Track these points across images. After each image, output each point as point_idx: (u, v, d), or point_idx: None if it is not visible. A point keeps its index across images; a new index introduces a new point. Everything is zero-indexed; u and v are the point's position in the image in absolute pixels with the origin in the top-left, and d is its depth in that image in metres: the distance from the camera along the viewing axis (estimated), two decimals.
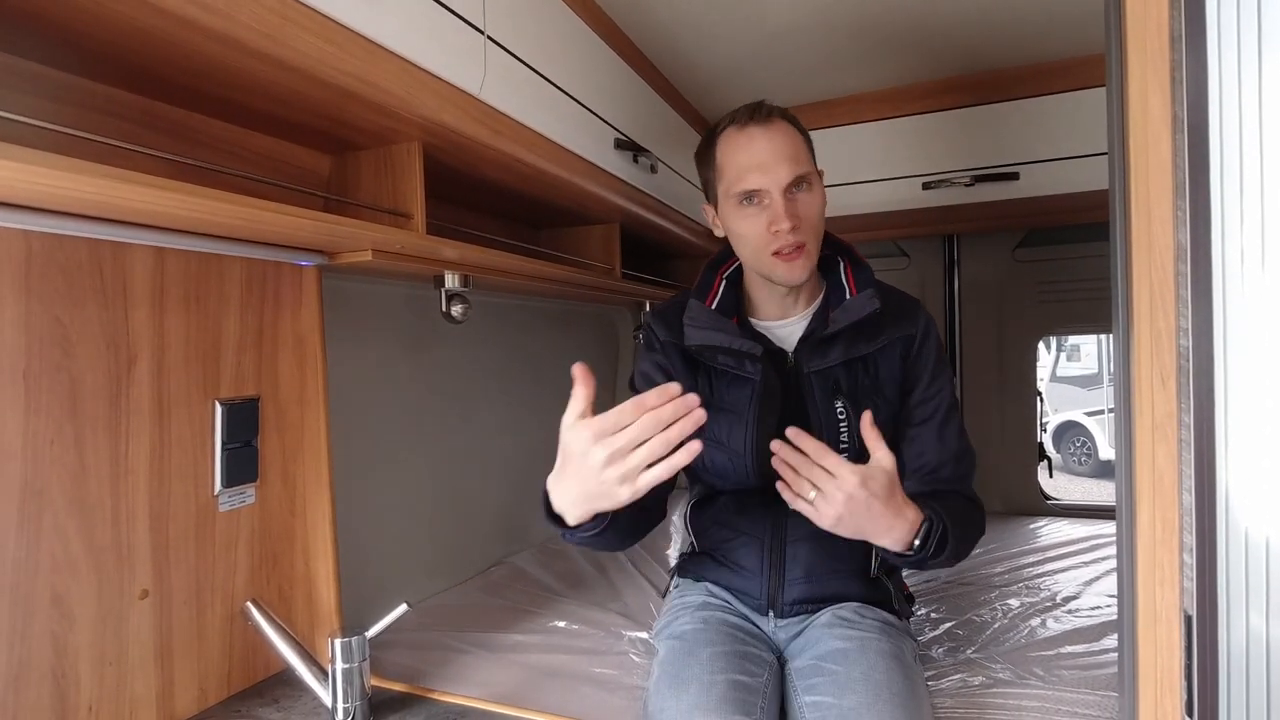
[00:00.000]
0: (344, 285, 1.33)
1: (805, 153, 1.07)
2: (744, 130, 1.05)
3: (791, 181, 1.02)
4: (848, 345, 1.07)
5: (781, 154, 1.02)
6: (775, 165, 1.01)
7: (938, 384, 1.10)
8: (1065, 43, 1.67)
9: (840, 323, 1.05)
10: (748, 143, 1.04)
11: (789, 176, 1.02)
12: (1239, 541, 0.58)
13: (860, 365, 1.08)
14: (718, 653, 0.99)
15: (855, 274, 1.11)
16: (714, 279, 1.16)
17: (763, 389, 1.07)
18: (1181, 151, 0.64)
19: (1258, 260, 0.59)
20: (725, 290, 1.15)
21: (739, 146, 1.05)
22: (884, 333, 1.08)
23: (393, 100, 0.93)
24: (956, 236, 2.37)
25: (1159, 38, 0.66)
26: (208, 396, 1.05)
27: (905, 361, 1.09)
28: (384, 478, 1.45)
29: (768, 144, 1.02)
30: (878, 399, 1.08)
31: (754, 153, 1.03)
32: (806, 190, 1.05)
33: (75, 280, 0.88)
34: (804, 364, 1.08)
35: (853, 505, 0.86)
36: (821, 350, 1.08)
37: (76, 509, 0.89)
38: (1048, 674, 1.16)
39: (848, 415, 1.05)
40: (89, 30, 0.73)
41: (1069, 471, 7.05)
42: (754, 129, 1.04)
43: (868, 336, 1.08)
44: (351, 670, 0.98)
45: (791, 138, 1.05)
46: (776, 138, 1.03)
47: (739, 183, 1.04)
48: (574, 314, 2.22)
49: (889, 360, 1.09)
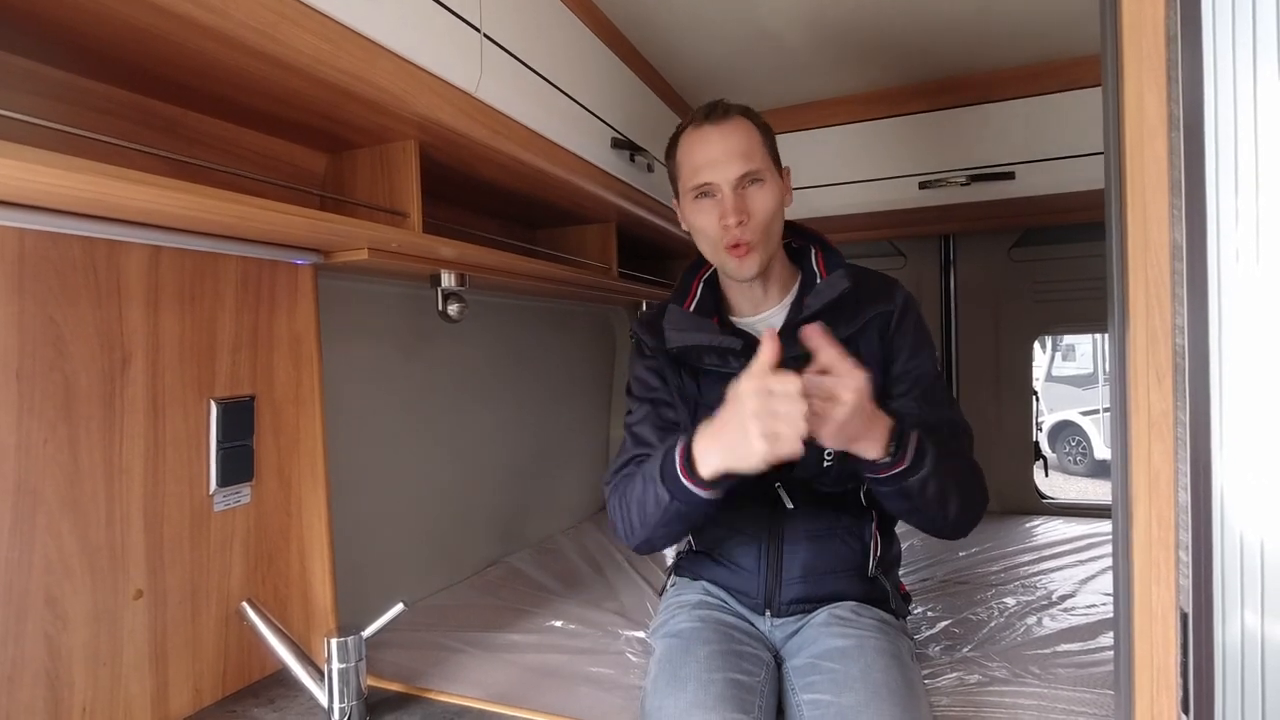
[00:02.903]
0: (340, 284, 1.33)
1: (760, 150, 1.08)
2: (699, 129, 1.08)
3: (741, 176, 1.04)
4: (827, 328, 1.08)
5: (733, 151, 1.05)
6: (726, 161, 1.04)
7: (918, 358, 1.10)
8: (1060, 43, 1.68)
9: (814, 306, 1.07)
10: (702, 140, 1.07)
11: (738, 172, 1.04)
12: (1234, 539, 0.59)
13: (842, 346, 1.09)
14: (715, 651, 0.99)
15: (825, 259, 1.13)
16: (692, 282, 1.18)
17: None
18: (1177, 150, 0.64)
19: (1253, 258, 0.59)
20: (704, 292, 1.17)
21: (694, 144, 1.08)
22: (862, 312, 1.09)
23: (389, 98, 0.93)
24: (952, 236, 2.38)
25: (1155, 37, 0.66)
26: (203, 396, 1.04)
27: (883, 338, 1.10)
28: (380, 477, 1.45)
29: (720, 141, 1.05)
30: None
31: (707, 149, 1.06)
32: (758, 186, 1.06)
33: (69, 279, 0.87)
34: (785, 351, 1.08)
35: (859, 404, 0.85)
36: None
37: (70, 509, 0.88)
38: (1044, 672, 1.16)
39: None
40: (85, 28, 0.72)
41: (1064, 471, 7.07)
42: (708, 127, 1.07)
43: (847, 318, 1.09)
44: (348, 670, 0.98)
45: (746, 135, 1.07)
46: (730, 135, 1.06)
47: (693, 178, 1.07)
48: (571, 314, 2.22)
49: (868, 340, 1.09)
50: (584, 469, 2.31)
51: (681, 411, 1.13)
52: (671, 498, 0.92)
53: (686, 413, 1.12)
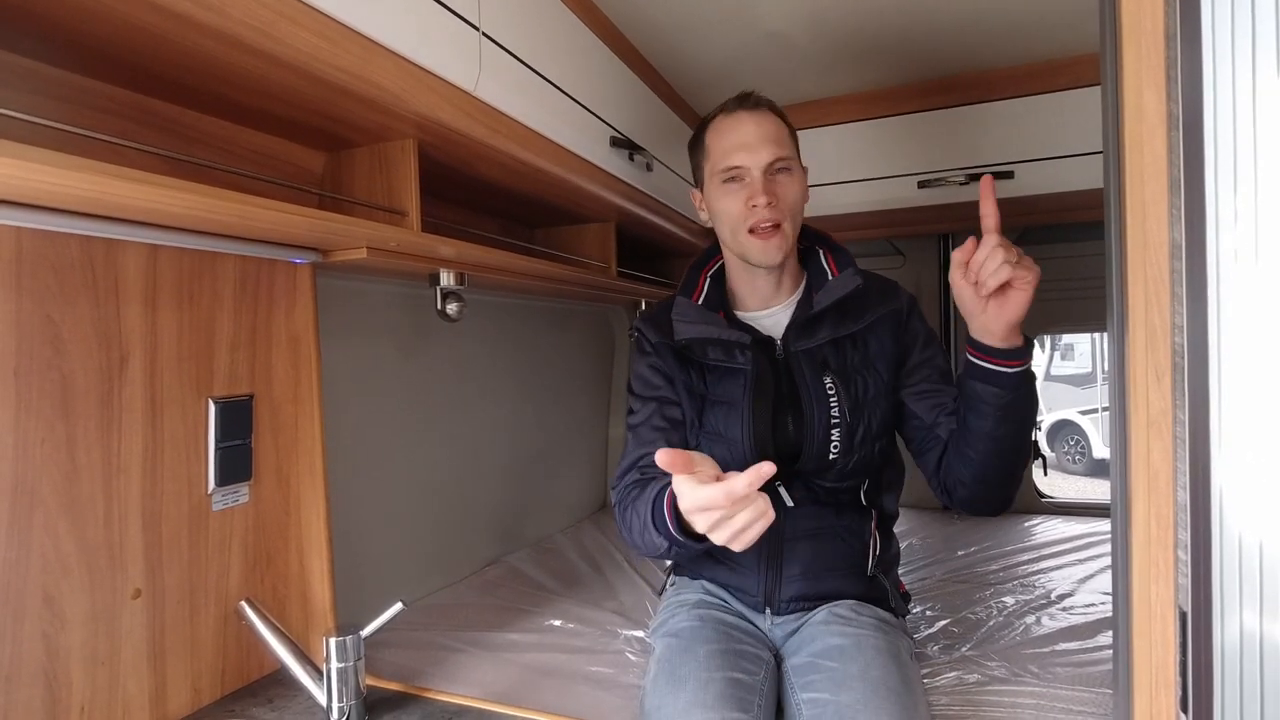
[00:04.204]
0: (338, 284, 1.33)
1: (789, 141, 1.11)
2: (732, 115, 1.10)
3: (772, 162, 1.06)
4: (834, 324, 1.10)
5: (765, 137, 1.07)
6: (758, 146, 1.06)
7: (930, 349, 1.13)
8: (1059, 42, 1.68)
9: (824, 302, 1.08)
10: (735, 125, 1.09)
11: (770, 157, 1.06)
12: (1233, 538, 0.59)
13: (849, 343, 1.11)
14: (714, 650, 0.99)
15: (835, 258, 1.15)
16: (699, 277, 1.19)
17: (755, 377, 1.08)
18: (1176, 148, 0.64)
19: (1251, 257, 0.59)
20: (710, 287, 1.18)
21: (726, 130, 1.10)
22: (870, 310, 1.11)
23: (387, 97, 0.92)
24: (951, 235, 2.38)
25: (1154, 35, 0.66)
26: (201, 395, 1.04)
27: (896, 335, 1.12)
28: (378, 477, 1.45)
29: (754, 127, 1.08)
30: (868, 374, 1.10)
31: (740, 134, 1.08)
32: (787, 174, 1.08)
33: (66, 278, 0.87)
34: (791, 345, 1.10)
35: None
36: (808, 331, 1.10)
37: (68, 508, 0.88)
38: (1043, 671, 1.16)
39: (837, 391, 1.07)
40: (83, 26, 0.72)
41: (1063, 470, 7.08)
42: (742, 114, 1.10)
43: (854, 315, 1.10)
44: (346, 669, 0.98)
45: (777, 126, 1.10)
46: (763, 123, 1.08)
47: (723, 161, 1.09)
48: (570, 313, 2.22)
49: (879, 337, 1.11)
50: (583, 469, 2.31)
51: (687, 407, 1.13)
52: (670, 545, 0.91)
53: (693, 408, 1.12)
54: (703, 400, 1.12)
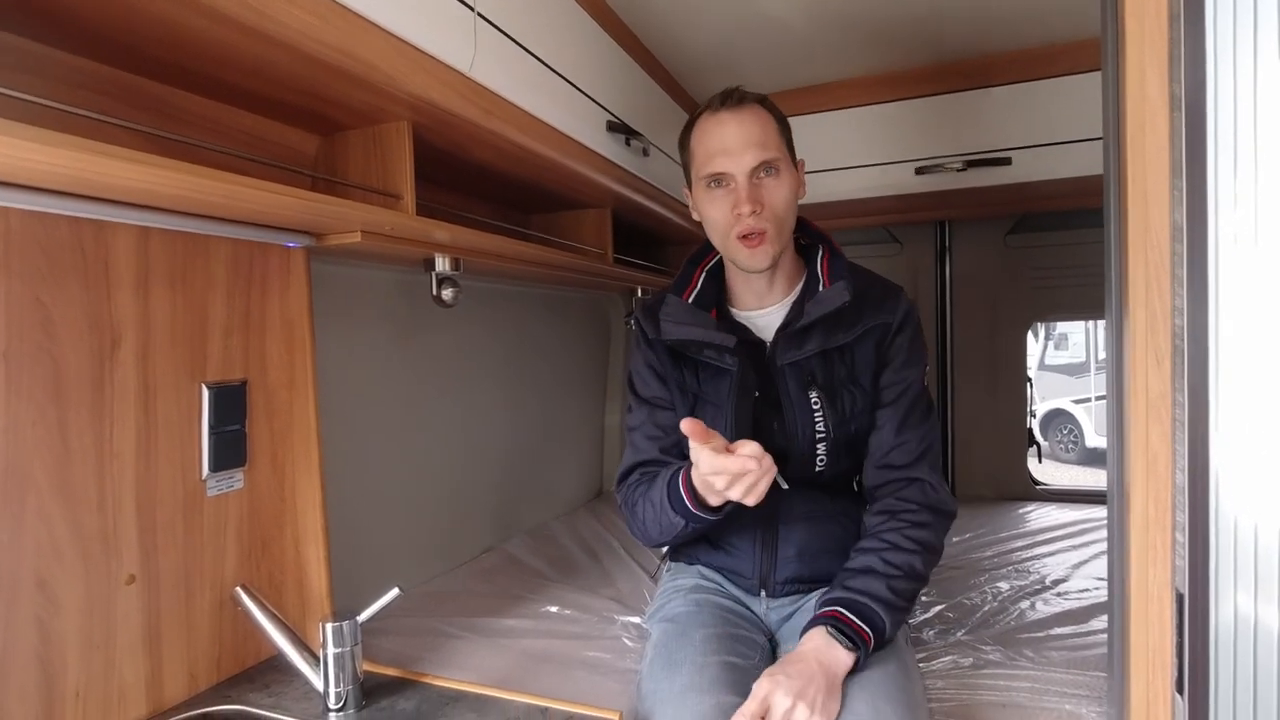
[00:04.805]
0: (333, 269, 1.32)
1: (776, 139, 1.07)
2: (715, 115, 1.06)
3: (756, 166, 1.03)
4: (824, 335, 1.07)
5: (749, 139, 1.03)
6: (741, 150, 1.03)
7: (907, 371, 1.09)
8: (1058, 27, 1.67)
9: (813, 315, 1.06)
10: (717, 127, 1.05)
11: (754, 161, 1.03)
12: (1229, 521, 0.59)
13: (837, 355, 1.09)
14: (710, 635, 0.99)
15: (831, 264, 1.11)
16: (693, 273, 1.17)
17: (739, 382, 1.08)
18: (1178, 130, 0.63)
19: (1251, 240, 0.59)
20: (705, 283, 1.16)
21: (709, 131, 1.06)
22: (862, 320, 1.08)
23: (380, 77, 0.91)
24: (948, 223, 2.37)
25: (1157, 16, 0.65)
26: (194, 379, 1.03)
27: (879, 348, 1.09)
28: (374, 463, 1.44)
29: (737, 129, 1.04)
30: (854, 389, 1.08)
31: (722, 137, 1.04)
32: (773, 176, 1.05)
33: (57, 259, 0.86)
34: (778, 356, 1.08)
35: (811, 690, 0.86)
36: (797, 342, 1.08)
37: (61, 493, 0.87)
38: (1037, 655, 1.17)
39: (822, 406, 1.06)
40: (71, 2, 0.71)
41: (1056, 459, 7.12)
42: (725, 114, 1.05)
43: (846, 326, 1.08)
44: (343, 655, 0.98)
45: (763, 124, 1.05)
46: (746, 123, 1.04)
47: (706, 165, 1.06)
48: (566, 300, 2.21)
49: (865, 349, 1.09)
50: (579, 456, 2.31)
51: (680, 405, 1.13)
52: (686, 522, 0.99)
53: (685, 405, 1.12)
54: (695, 398, 1.12)
